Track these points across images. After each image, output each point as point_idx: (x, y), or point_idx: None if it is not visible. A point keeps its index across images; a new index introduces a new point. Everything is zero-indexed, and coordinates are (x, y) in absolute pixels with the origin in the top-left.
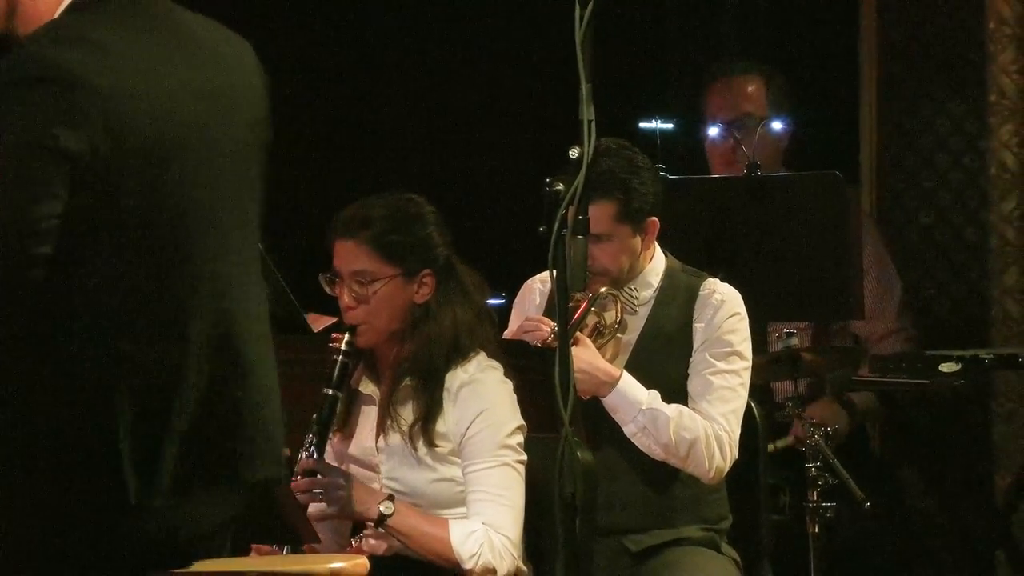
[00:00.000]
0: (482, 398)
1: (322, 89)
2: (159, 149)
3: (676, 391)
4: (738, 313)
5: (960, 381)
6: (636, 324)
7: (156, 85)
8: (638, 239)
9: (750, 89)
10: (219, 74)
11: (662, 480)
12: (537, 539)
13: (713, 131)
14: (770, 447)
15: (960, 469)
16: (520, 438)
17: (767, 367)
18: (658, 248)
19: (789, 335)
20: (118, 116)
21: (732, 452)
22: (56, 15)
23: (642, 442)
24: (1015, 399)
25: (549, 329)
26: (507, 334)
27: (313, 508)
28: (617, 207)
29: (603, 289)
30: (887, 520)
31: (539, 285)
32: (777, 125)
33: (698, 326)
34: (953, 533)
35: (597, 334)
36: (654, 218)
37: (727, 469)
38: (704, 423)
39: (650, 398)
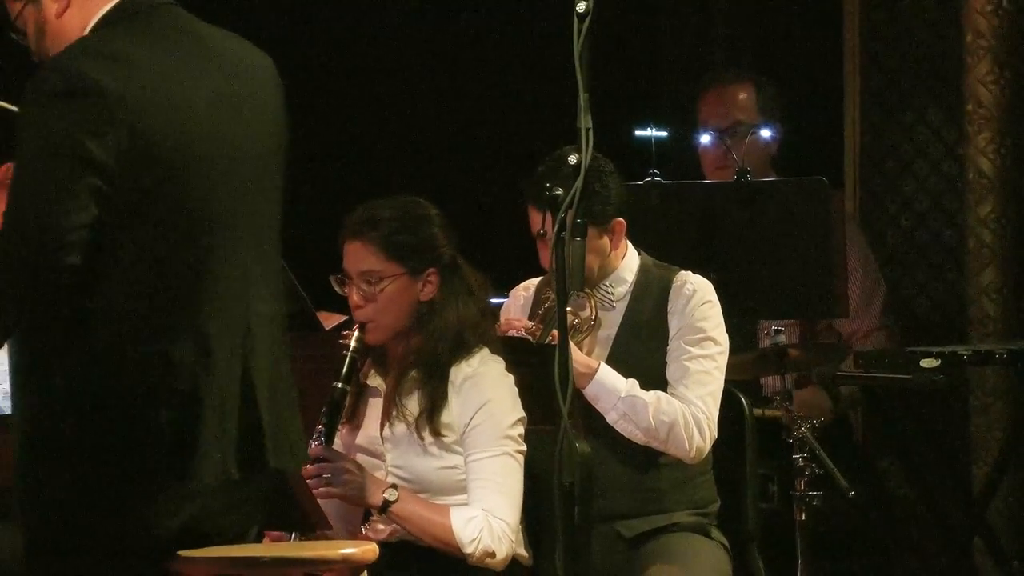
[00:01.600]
0: (484, 391)
1: (336, 99)
2: (182, 156)
3: (656, 379)
4: (709, 301)
5: (939, 376)
6: (614, 319)
7: (179, 95)
8: (605, 240)
9: (742, 97)
10: (239, 84)
11: (650, 464)
12: (537, 528)
13: (705, 138)
14: (756, 411)
15: (939, 460)
16: (520, 429)
17: (756, 362)
18: (631, 246)
19: (777, 332)
20: (142, 125)
21: (711, 432)
22: (86, 33)
23: (624, 428)
24: (990, 393)
25: (522, 327)
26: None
27: (320, 492)
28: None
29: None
30: (870, 508)
31: (523, 292)
32: (766, 132)
33: (672, 316)
34: (932, 520)
35: (574, 330)
36: (620, 219)
37: (707, 449)
38: (682, 406)
39: (628, 386)
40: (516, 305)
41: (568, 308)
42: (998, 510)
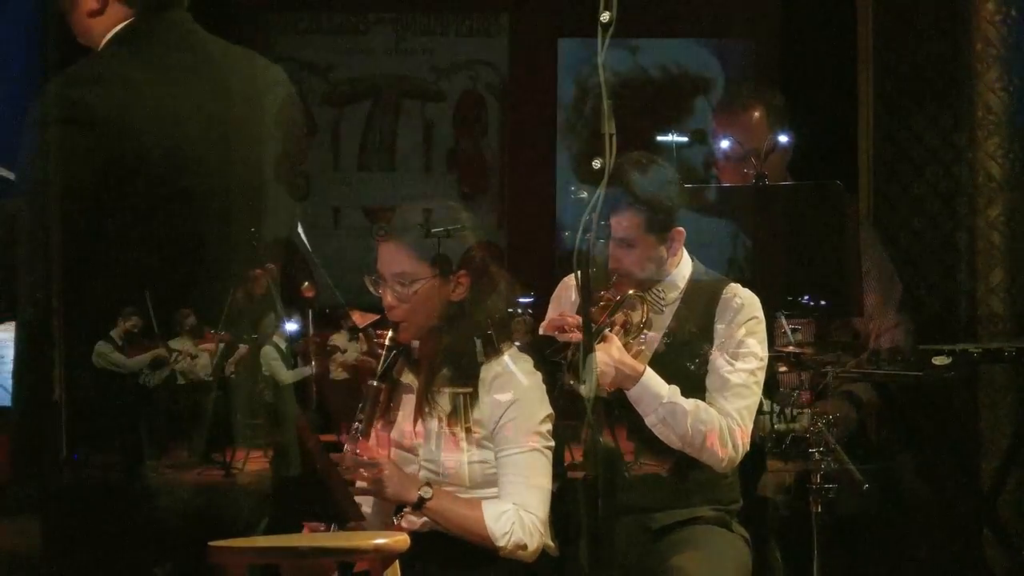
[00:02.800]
0: (514, 389)
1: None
2: (170, 177)
3: (695, 385)
4: (756, 317)
5: (950, 373)
6: (662, 322)
7: (173, 118)
8: (664, 248)
9: (755, 118)
10: (237, 106)
11: (679, 464)
12: (565, 519)
13: (725, 144)
14: (779, 426)
15: (949, 454)
16: (549, 426)
17: (772, 361)
18: (686, 253)
19: (794, 331)
20: (132, 148)
21: (744, 445)
22: (100, 46)
23: (661, 432)
24: (999, 390)
25: (575, 324)
26: (543, 325)
27: (358, 489)
28: (644, 219)
29: (631, 291)
30: (883, 501)
31: (574, 282)
32: (783, 139)
33: (719, 327)
34: (943, 513)
35: (624, 332)
36: (680, 228)
37: (739, 460)
38: (719, 417)
39: (670, 392)
40: (567, 296)
41: (621, 309)
42: (1006, 503)
